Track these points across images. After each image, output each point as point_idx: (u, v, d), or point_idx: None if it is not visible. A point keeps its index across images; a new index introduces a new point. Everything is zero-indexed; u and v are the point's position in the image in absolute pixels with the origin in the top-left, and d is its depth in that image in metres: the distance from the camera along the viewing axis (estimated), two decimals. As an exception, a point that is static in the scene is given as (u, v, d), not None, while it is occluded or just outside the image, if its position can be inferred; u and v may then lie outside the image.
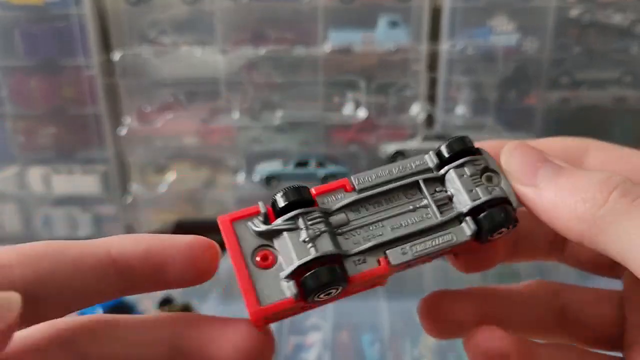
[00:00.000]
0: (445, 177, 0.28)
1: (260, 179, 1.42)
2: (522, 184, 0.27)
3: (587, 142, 0.30)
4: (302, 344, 1.26)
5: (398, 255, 0.25)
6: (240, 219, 0.25)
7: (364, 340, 1.27)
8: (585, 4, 1.47)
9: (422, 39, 1.42)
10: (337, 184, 0.27)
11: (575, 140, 0.31)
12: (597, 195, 0.24)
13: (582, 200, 0.24)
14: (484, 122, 1.50)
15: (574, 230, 0.24)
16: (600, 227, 0.23)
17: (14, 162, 1.63)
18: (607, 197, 0.24)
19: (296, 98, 1.47)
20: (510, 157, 0.28)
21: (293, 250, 0.24)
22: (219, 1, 1.39)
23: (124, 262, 0.24)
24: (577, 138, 0.31)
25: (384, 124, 1.47)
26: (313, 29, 1.42)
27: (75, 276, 0.23)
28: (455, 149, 0.28)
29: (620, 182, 0.24)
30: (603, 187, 0.24)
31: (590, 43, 1.51)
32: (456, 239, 0.26)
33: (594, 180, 0.25)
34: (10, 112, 1.57)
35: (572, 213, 0.24)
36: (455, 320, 0.29)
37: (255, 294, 0.24)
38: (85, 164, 1.61)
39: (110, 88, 1.52)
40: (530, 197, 0.26)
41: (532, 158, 0.27)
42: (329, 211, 0.26)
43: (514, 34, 1.47)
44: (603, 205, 0.23)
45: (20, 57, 1.52)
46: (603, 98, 1.56)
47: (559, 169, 0.26)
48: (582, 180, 0.25)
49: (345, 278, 0.25)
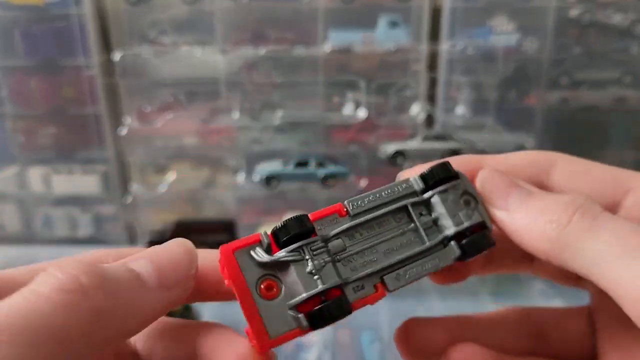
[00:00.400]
0: (430, 201, 0.30)
1: (260, 179, 1.42)
2: (496, 207, 0.29)
3: (555, 155, 0.32)
4: (302, 344, 1.26)
5: (393, 281, 0.27)
6: (242, 248, 0.26)
7: (363, 340, 1.27)
8: (585, 4, 1.47)
9: (422, 39, 1.42)
10: (332, 209, 0.29)
11: (543, 154, 0.32)
12: (562, 216, 0.26)
13: (549, 222, 0.26)
14: (484, 122, 1.50)
15: (541, 249, 0.26)
16: (564, 245, 0.25)
17: (14, 162, 1.63)
18: (571, 217, 0.26)
19: (296, 98, 1.47)
20: (484, 182, 0.30)
21: (300, 283, 0.25)
22: (219, 1, 1.39)
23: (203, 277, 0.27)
24: (544, 152, 0.32)
25: (384, 124, 1.47)
26: (313, 29, 1.42)
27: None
28: (440, 176, 0.30)
29: (583, 202, 0.26)
30: (568, 208, 0.26)
31: (590, 43, 1.51)
32: (443, 263, 0.29)
33: (560, 202, 0.27)
34: (10, 112, 1.57)
35: (540, 234, 0.26)
36: (428, 346, 0.31)
37: (263, 325, 0.25)
38: (85, 164, 1.61)
39: (110, 88, 1.52)
40: (503, 219, 0.28)
41: (503, 183, 0.29)
42: (327, 238, 0.27)
43: (514, 34, 1.47)
44: (567, 225, 0.25)
45: (20, 57, 1.52)
46: (603, 98, 1.56)
47: (528, 193, 0.28)
48: (549, 203, 0.27)
49: (350, 308, 0.26)
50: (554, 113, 1.56)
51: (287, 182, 1.42)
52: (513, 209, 0.28)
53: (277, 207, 1.51)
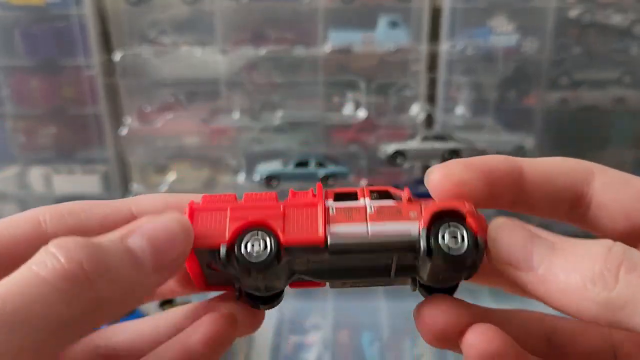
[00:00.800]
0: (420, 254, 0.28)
1: (261, 178, 1.42)
2: (520, 270, 0.26)
3: (591, 165, 0.30)
4: (302, 344, 1.26)
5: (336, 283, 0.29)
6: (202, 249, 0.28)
7: (363, 340, 1.27)
8: (585, 4, 1.47)
9: (422, 39, 1.43)
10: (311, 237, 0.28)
11: (579, 162, 0.30)
12: (606, 276, 0.23)
13: (590, 282, 0.23)
14: (484, 122, 1.50)
15: (588, 314, 0.24)
16: (617, 308, 0.23)
17: (14, 162, 1.63)
18: (616, 275, 0.23)
19: (296, 98, 1.47)
20: (498, 242, 0.27)
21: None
22: (219, 1, 1.40)
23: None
24: (581, 161, 0.30)
25: (384, 124, 1.47)
26: (313, 29, 1.42)
27: (102, 232, 0.26)
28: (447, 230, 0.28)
29: (622, 254, 0.24)
30: (609, 265, 0.24)
31: (590, 43, 1.51)
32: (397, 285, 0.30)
33: (595, 256, 0.24)
34: (10, 112, 1.57)
35: (583, 297, 0.24)
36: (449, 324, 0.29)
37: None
38: (85, 164, 1.61)
39: (110, 88, 1.52)
40: (531, 283, 0.26)
41: (521, 239, 0.26)
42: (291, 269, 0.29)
43: (514, 34, 1.48)
44: (615, 286, 0.23)
45: (20, 57, 1.52)
46: (602, 98, 1.56)
47: (552, 246, 0.26)
48: (582, 258, 0.24)
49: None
50: (554, 113, 1.56)
51: (287, 182, 1.42)
52: (542, 270, 0.25)
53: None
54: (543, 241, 0.26)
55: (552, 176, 0.29)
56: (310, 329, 1.31)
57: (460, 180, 0.28)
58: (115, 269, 0.23)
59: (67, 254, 0.22)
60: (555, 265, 0.25)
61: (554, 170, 0.29)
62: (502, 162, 0.29)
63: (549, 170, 0.29)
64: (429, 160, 1.46)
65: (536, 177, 0.29)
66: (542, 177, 0.29)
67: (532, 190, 0.29)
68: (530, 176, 0.29)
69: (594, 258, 0.24)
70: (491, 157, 0.29)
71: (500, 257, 0.27)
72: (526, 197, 0.29)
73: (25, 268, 0.21)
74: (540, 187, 0.29)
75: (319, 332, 1.30)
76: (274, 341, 1.26)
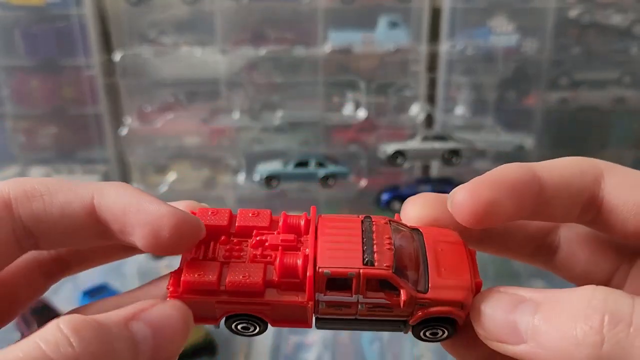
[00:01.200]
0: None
1: (261, 178, 1.42)
2: (510, 344, 0.25)
3: (600, 164, 0.29)
4: (302, 343, 1.26)
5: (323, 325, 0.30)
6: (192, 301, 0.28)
7: (363, 340, 1.28)
8: (584, 4, 1.47)
9: (422, 39, 1.43)
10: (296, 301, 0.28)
11: (589, 161, 0.29)
12: (590, 335, 0.22)
13: (576, 346, 0.23)
14: (484, 122, 1.51)
15: None
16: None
17: (14, 162, 1.63)
18: (600, 332, 0.22)
19: (296, 98, 1.47)
20: (482, 322, 0.26)
21: None
22: (219, 1, 1.40)
23: (101, 214, 0.27)
24: (589, 160, 0.29)
25: (384, 124, 1.47)
26: (313, 29, 1.42)
27: (62, 219, 0.26)
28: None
29: (605, 306, 0.23)
30: (591, 321, 0.23)
31: (590, 43, 1.51)
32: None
33: (577, 313, 0.23)
34: (11, 112, 1.57)
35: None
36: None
37: None
38: (85, 164, 1.61)
39: (110, 88, 1.52)
40: (527, 355, 0.25)
41: (503, 311, 0.26)
42: None
43: (514, 34, 1.48)
44: (602, 345, 0.22)
45: (21, 57, 1.52)
46: (602, 99, 1.56)
47: (535, 309, 0.25)
48: (565, 317, 0.23)
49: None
50: (554, 113, 1.56)
51: (287, 181, 1.43)
52: (529, 341, 0.24)
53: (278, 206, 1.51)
54: (526, 305, 0.25)
55: (567, 180, 0.28)
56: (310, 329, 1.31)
57: (489, 201, 0.27)
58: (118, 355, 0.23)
59: (82, 342, 0.22)
60: (542, 333, 0.24)
61: (567, 173, 0.28)
62: (522, 173, 0.28)
63: (564, 174, 0.28)
64: (429, 160, 1.46)
65: (553, 183, 0.28)
66: (558, 183, 0.28)
67: (551, 197, 0.28)
68: (547, 183, 0.28)
69: (576, 315, 0.23)
70: (508, 169, 0.28)
71: (487, 335, 0.26)
72: (545, 205, 0.28)
73: (33, 344, 0.21)
74: (558, 194, 0.28)
75: (319, 332, 1.30)
76: (274, 341, 1.26)
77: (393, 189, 1.41)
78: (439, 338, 0.29)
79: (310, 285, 0.27)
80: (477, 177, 0.28)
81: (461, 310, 0.27)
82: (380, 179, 1.48)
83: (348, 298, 0.28)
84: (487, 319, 0.26)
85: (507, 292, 0.26)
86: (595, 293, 0.23)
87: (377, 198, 1.41)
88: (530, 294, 0.26)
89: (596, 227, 0.30)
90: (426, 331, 0.28)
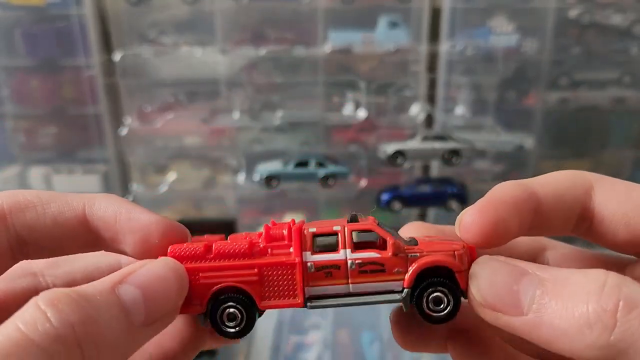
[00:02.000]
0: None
1: (261, 178, 1.42)
2: (508, 315, 0.25)
3: (589, 175, 0.30)
4: (302, 343, 1.27)
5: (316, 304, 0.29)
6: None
7: (363, 340, 1.28)
8: (584, 4, 1.47)
9: (422, 39, 1.43)
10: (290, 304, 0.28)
11: (579, 174, 0.30)
12: (603, 317, 0.22)
13: (587, 326, 0.22)
14: (483, 122, 1.51)
15: (587, 357, 0.23)
16: (619, 351, 0.22)
17: (15, 162, 1.63)
18: (614, 316, 0.22)
19: (296, 98, 1.47)
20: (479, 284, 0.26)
21: None
22: (219, 2, 1.40)
23: (93, 223, 0.28)
24: (579, 172, 0.30)
25: (384, 124, 1.47)
26: (313, 29, 1.42)
27: (55, 228, 0.27)
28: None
29: (619, 291, 0.22)
30: (605, 303, 0.22)
31: (590, 43, 1.51)
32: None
33: (589, 294, 0.23)
34: (11, 112, 1.58)
35: (581, 343, 0.22)
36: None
37: None
38: (85, 164, 1.62)
39: (110, 88, 1.52)
40: (522, 328, 0.24)
41: (506, 279, 0.25)
42: None
43: (514, 34, 1.48)
44: (613, 329, 0.22)
45: (21, 57, 1.52)
46: (602, 99, 1.56)
47: (541, 284, 0.24)
48: (575, 297, 0.23)
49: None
50: (554, 113, 1.56)
51: (287, 181, 1.43)
52: (532, 314, 0.24)
53: (278, 206, 1.51)
54: (531, 279, 0.25)
55: (561, 194, 0.29)
56: (310, 329, 1.32)
57: (496, 220, 0.27)
58: (106, 330, 0.22)
59: (60, 315, 0.21)
60: (547, 308, 0.24)
61: (560, 188, 0.29)
62: (520, 191, 0.29)
63: (557, 189, 0.29)
64: (429, 160, 1.46)
65: (548, 198, 0.29)
66: (552, 198, 0.29)
67: (547, 210, 0.29)
68: (543, 198, 0.29)
69: (588, 296, 0.23)
70: (507, 188, 0.29)
71: (483, 301, 0.26)
72: (542, 220, 0.29)
73: (12, 326, 0.21)
74: (553, 207, 0.29)
75: (319, 331, 1.30)
76: (274, 341, 1.26)
77: (393, 189, 1.41)
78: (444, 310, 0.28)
79: (297, 239, 0.28)
80: (481, 199, 0.28)
81: (455, 260, 0.27)
82: (380, 179, 1.48)
83: (336, 256, 0.28)
84: (486, 284, 0.26)
85: (508, 262, 0.26)
86: (609, 278, 0.23)
87: (377, 198, 1.42)
88: (533, 268, 0.25)
89: (591, 238, 0.30)
90: (428, 301, 0.28)
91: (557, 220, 0.29)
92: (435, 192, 1.37)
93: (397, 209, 1.37)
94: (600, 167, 1.61)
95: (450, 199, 1.36)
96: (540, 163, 1.62)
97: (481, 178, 1.40)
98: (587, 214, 0.29)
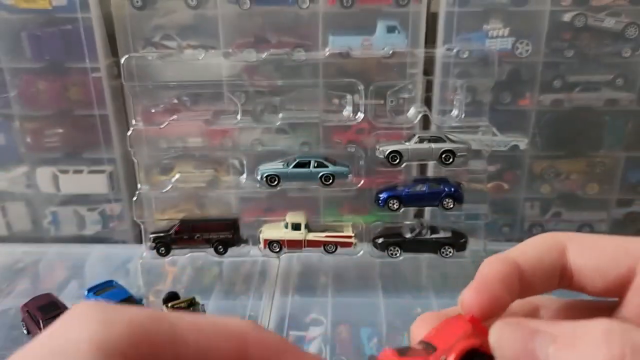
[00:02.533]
0: None
1: (262, 178, 1.44)
2: None
3: (563, 236, 0.34)
4: (302, 339, 1.29)
5: None
6: None
7: (362, 335, 1.29)
8: (578, 8, 1.49)
9: (419, 43, 1.45)
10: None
11: (552, 237, 0.34)
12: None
13: None
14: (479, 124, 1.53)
15: None
16: None
17: (22, 163, 1.65)
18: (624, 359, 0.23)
19: (297, 100, 1.49)
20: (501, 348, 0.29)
21: None
22: (222, 6, 1.42)
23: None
24: (553, 234, 0.34)
25: (382, 126, 1.49)
26: (313, 33, 1.45)
27: None
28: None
29: (622, 339, 0.24)
30: (613, 351, 0.24)
31: (584, 46, 1.54)
32: None
33: (596, 345, 0.24)
34: (18, 113, 1.60)
35: None
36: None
37: None
38: (92, 164, 1.64)
39: (116, 90, 1.55)
40: None
41: (521, 339, 0.28)
42: None
43: (509, 37, 1.50)
44: None
45: (27, 60, 1.54)
46: (596, 101, 1.58)
47: (553, 340, 0.27)
48: (584, 348, 0.25)
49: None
50: (548, 115, 1.58)
51: (287, 181, 1.45)
52: None
53: (279, 205, 1.53)
54: (543, 336, 0.27)
55: (540, 259, 0.33)
56: (310, 325, 1.33)
57: (493, 297, 0.31)
58: None
59: None
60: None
61: (537, 253, 0.33)
62: (507, 265, 0.33)
63: (535, 255, 0.33)
64: (425, 161, 1.48)
65: (529, 265, 0.33)
66: (532, 266, 0.33)
67: (530, 277, 0.33)
68: (525, 267, 0.33)
69: (596, 348, 0.24)
70: (496, 265, 0.33)
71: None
72: (528, 285, 0.33)
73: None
74: (535, 273, 0.33)
75: (318, 327, 1.32)
76: (275, 336, 1.28)
77: (390, 188, 1.43)
78: None
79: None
80: (475, 280, 0.32)
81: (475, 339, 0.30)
82: (378, 179, 1.50)
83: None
84: (506, 345, 0.29)
85: (521, 324, 0.29)
86: (612, 325, 0.25)
87: (375, 197, 1.44)
88: (543, 326, 0.28)
89: (576, 290, 0.34)
90: None
91: (540, 283, 0.33)
92: (431, 191, 1.39)
93: (394, 208, 1.39)
94: (594, 168, 1.63)
95: (446, 198, 1.38)
96: (534, 163, 1.64)
97: (476, 178, 1.42)
98: (567, 272, 0.33)
